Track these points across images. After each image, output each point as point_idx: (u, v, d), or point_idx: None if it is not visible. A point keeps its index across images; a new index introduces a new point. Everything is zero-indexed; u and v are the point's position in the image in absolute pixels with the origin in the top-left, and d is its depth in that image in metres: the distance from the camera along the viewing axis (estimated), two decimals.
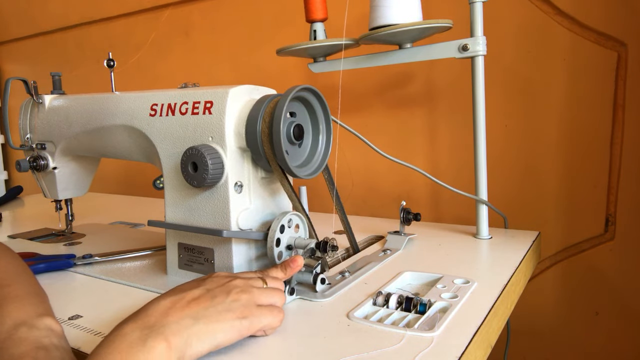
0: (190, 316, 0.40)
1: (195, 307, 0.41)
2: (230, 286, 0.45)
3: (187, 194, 0.59)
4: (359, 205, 1.10)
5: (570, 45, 0.84)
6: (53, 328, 0.43)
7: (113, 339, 0.37)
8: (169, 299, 0.42)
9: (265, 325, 0.44)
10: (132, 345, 0.36)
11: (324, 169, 0.64)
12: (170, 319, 0.39)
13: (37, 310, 0.45)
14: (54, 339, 0.42)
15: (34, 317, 0.44)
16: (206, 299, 0.42)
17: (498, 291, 0.54)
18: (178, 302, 0.41)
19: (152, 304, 0.41)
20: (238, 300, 0.44)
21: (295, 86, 0.54)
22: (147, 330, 0.38)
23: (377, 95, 1.05)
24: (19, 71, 1.83)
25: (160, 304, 0.41)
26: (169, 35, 1.35)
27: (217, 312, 0.42)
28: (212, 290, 0.44)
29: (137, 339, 0.37)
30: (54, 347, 0.41)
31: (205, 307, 0.42)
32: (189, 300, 0.42)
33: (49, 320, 0.44)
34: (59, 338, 0.43)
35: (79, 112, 0.72)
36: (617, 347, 0.86)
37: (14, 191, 1.38)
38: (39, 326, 0.42)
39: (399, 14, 0.70)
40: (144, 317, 0.39)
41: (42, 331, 0.42)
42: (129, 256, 0.73)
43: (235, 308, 0.43)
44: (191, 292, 0.43)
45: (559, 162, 0.87)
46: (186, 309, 0.41)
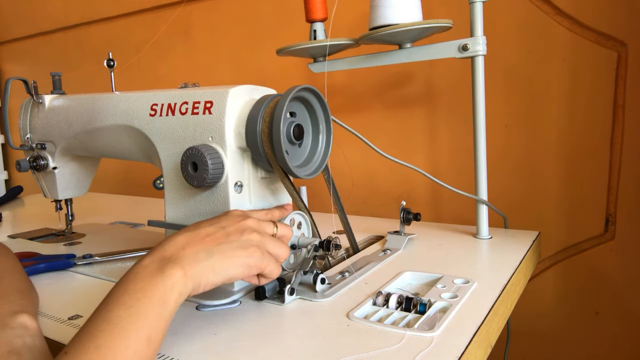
0: (206, 250, 0.43)
1: (210, 243, 0.43)
2: (244, 225, 0.47)
3: (187, 194, 0.59)
4: (359, 205, 1.10)
5: (570, 45, 0.84)
6: (28, 326, 0.43)
7: (134, 271, 0.40)
8: (185, 234, 0.44)
9: (268, 272, 0.47)
10: (152, 274, 0.39)
11: (324, 169, 0.64)
12: (186, 251, 0.42)
13: (12, 308, 0.45)
14: (27, 339, 0.42)
15: (8, 316, 0.44)
16: (221, 235, 0.45)
17: (498, 291, 0.54)
18: (194, 238, 0.43)
19: (168, 240, 0.43)
20: (250, 239, 0.46)
21: (295, 86, 0.54)
22: (164, 261, 0.40)
23: (377, 95, 1.05)
24: (19, 71, 1.83)
25: (177, 239, 0.43)
26: (169, 35, 1.35)
27: (231, 248, 0.44)
28: (227, 228, 0.46)
29: (155, 269, 0.39)
30: (26, 349, 0.41)
31: (220, 242, 0.44)
32: (204, 236, 0.44)
33: (23, 318, 0.44)
34: (33, 337, 0.43)
35: (79, 112, 0.72)
36: (617, 347, 0.86)
37: (14, 191, 1.38)
38: (12, 325, 0.43)
39: (399, 14, 0.70)
40: (161, 251, 0.42)
41: (16, 330, 0.42)
42: (129, 256, 0.73)
43: (247, 246, 0.45)
44: (206, 229, 0.45)
45: (559, 162, 0.87)
46: (201, 243, 0.43)
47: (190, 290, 0.41)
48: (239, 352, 0.43)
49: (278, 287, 0.56)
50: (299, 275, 0.55)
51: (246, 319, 0.50)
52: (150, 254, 0.42)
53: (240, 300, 0.55)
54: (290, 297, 0.54)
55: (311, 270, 0.55)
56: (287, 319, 0.49)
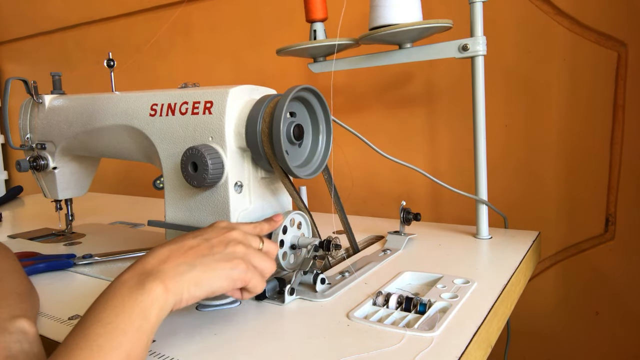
0: (187, 263, 0.41)
1: (193, 255, 0.42)
2: (229, 237, 0.46)
3: (187, 194, 0.59)
4: (359, 205, 1.10)
5: (570, 45, 0.84)
6: (26, 331, 0.43)
7: (113, 286, 0.39)
8: (167, 247, 0.43)
9: (251, 286, 0.45)
10: (131, 289, 0.38)
11: (324, 169, 0.64)
12: (167, 265, 0.40)
13: (12, 312, 0.45)
14: (25, 345, 0.42)
15: (7, 320, 0.43)
16: (204, 247, 0.43)
17: (498, 291, 0.54)
18: (176, 251, 0.42)
19: (150, 254, 0.42)
20: (235, 252, 0.44)
21: (295, 86, 0.54)
22: (144, 275, 0.39)
23: (377, 95, 1.05)
24: (19, 71, 1.83)
25: (159, 253, 0.42)
26: (169, 35, 1.35)
27: (214, 260, 0.43)
28: (210, 240, 0.44)
29: (135, 284, 0.38)
30: (24, 355, 0.41)
31: (203, 255, 0.42)
32: (187, 249, 0.43)
33: (22, 323, 0.43)
34: (31, 343, 0.43)
35: (79, 112, 0.72)
36: (617, 347, 0.86)
37: (14, 191, 1.38)
38: (10, 330, 0.42)
39: (399, 14, 0.70)
40: (141, 265, 0.40)
41: (14, 335, 0.42)
42: (129, 256, 0.73)
43: (231, 258, 0.44)
44: (189, 242, 0.44)
45: (559, 162, 0.87)
46: (183, 256, 0.42)
47: (172, 305, 0.39)
48: (239, 352, 0.43)
49: (278, 287, 0.56)
50: (299, 275, 0.55)
51: (246, 319, 0.50)
52: (130, 268, 0.41)
53: (240, 300, 0.55)
54: (290, 297, 0.54)
55: (311, 270, 0.55)
56: (287, 319, 0.49)
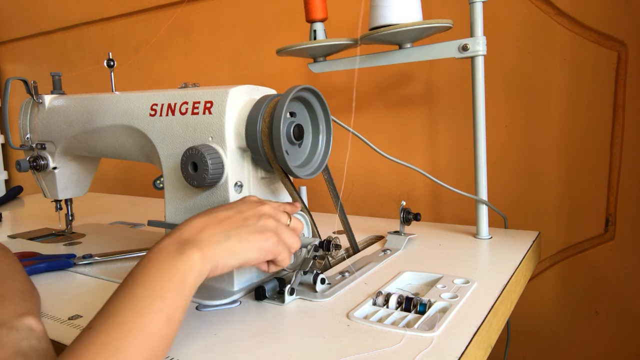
0: (223, 232, 0.43)
1: (228, 226, 0.44)
2: (261, 211, 0.48)
3: (187, 194, 0.59)
4: (359, 205, 1.10)
5: (570, 45, 0.84)
6: (34, 328, 0.43)
7: (153, 251, 0.41)
8: (202, 217, 0.44)
9: (280, 259, 0.47)
10: (171, 255, 0.40)
11: (324, 169, 0.64)
12: (204, 234, 0.42)
13: (18, 310, 0.45)
14: (34, 341, 0.42)
15: (14, 318, 0.44)
16: (238, 219, 0.45)
17: (498, 291, 0.54)
18: (211, 221, 0.44)
19: (186, 224, 0.44)
20: (267, 225, 0.47)
21: (295, 86, 0.54)
22: (183, 242, 0.41)
23: (377, 95, 1.05)
24: (19, 71, 1.83)
25: (195, 222, 0.44)
26: (169, 35, 1.35)
27: (248, 232, 0.45)
28: (244, 212, 0.47)
29: (174, 250, 0.40)
30: (33, 351, 0.41)
31: (238, 226, 0.45)
32: (222, 219, 0.45)
33: (29, 320, 0.44)
34: (39, 339, 0.43)
35: (79, 112, 0.72)
36: (617, 347, 0.86)
37: (14, 191, 1.38)
38: (18, 327, 0.43)
39: (399, 14, 0.70)
40: (179, 233, 0.42)
41: (22, 332, 0.42)
42: (129, 256, 0.73)
43: (264, 231, 0.46)
44: (223, 213, 0.46)
45: (559, 162, 0.87)
46: (219, 226, 0.44)
47: (208, 272, 0.41)
48: (239, 352, 0.43)
49: (278, 287, 0.56)
50: (299, 275, 0.55)
51: (246, 319, 0.50)
52: (168, 236, 0.43)
53: (240, 300, 0.55)
54: (290, 297, 0.54)
55: (311, 270, 0.55)
56: (287, 319, 0.49)
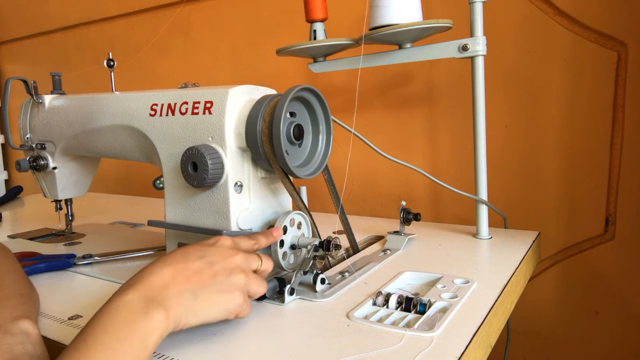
0: (190, 291, 0.41)
1: (196, 283, 0.42)
2: (232, 264, 0.46)
3: (187, 194, 0.59)
4: (359, 205, 1.10)
5: (570, 45, 0.84)
6: (29, 332, 0.43)
7: (116, 306, 0.38)
8: (170, 268, 0.42)
9: (243, 315, 0.46)
10: (135, 314, 0.38)
11: (324, 169, 0.64)
12: (171, 291, 0.40)
13: (14, 313, 0.45)
14: (29, 346, 0.42)
15: (10, 321, 0.43)
16: (208, 275, 0.43)
17: (498, 291, 0.54)
18: (180, 274, 0.42)
19: (153, 272, 0.41)
20: (236, 282, 0.45)
21: (295, 86, 0.54)
22: (149, 300, 0.39)
23: (377, 95, 1.05)
24: (19, 71, 1.83)
25: (163, 274, 0.41)
26: (169, 35, 1.35)
27: (216, 291, 0.43)
28: (214, 266, 0.44)
29: (139, 308, 0.38)
30: (27, 357, 0.41)
31: (206, 285, 0.43)
32: (191, 273, 0.42)
33: (24, 324, 0.43)
34: (34, 344, 0.42)
35: (79, 112, 0.72)
36: (617, 347, 0.86)
37: (14, 191, 1.38)
38: (13, 331, 0.42)
39: (399, 14, 0.70)
40: (146, 286, 0.40)
41: (16, 337, 0.42)
42: (129, 256, 0.73)
43: (232, 290, 0.44)
44: (193, 264, 0.43)
45: (559, 162, 0.87)
46: (186, 282, 0.42)
47: (168, 332, 0.40)
48: (239, 352, 0.43)
49: (278, 287, 0.56)
50: (299, 275, 0.55)
51: (246, 319, 0.50)
52: (133, 286, 0.40)
53: None
54: (290, 297, 0.54)
55: (311, 270, 0.55)
56: (287, 319, 0.49)
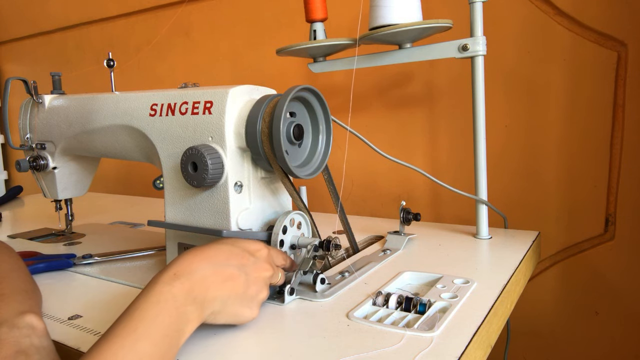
0: (222, 299, 0.44)
1: (229, 290, 0.45)
2: (264, 280, 0.48)
3: (187, 194, 0.59)
4: (359, 205, 1.10)
5: (570, 45, 0.84)
6: (35, 326, 0.43)
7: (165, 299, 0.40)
8: (212, 267, 0.44)
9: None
10: (179, 310, 0.41)
11: (324, 169, 0.64)
12: (208, 294, 0.43)
13: (20, 308, 0.45)
14: (35, 339, 0.42)
15: (16, 316, 0.44)
16: (241, 285, 0.46)
17: (498, 291, 0.54)
18: (218, 275, 0.44)
19: (199, 267, 0.44)
20: (260, 299, 0.48)
21: (295, 86, 0.54)
22: (190, 299, 0.42)
23: (377, 95, 1.05)
24: (19, 71, 1.83)
25: (205, 272, 0.44)
26: (169, 35, 1.35)
27: (241, 305, 0.46)
28: (249, 279, 0.47)
29: (182, 304, 0.41)
30: (34, 349, 0.41)
31: (236, 295, 0.45)
32: (227, 277, 0.45)
33: (30, 318, 0.44)
34: (40, 337, 0.43)
35: (79, 112, 0.72)
36: (617, 347, 0.86)
37: (14, 191, 1.38)
38: (19, 325, 0.43)
39: (399, 14, 0.70)
40: (191, 282, 0.42)
41: (23, 330, 0.42)
42: (129, 256, 0.73)
43: (255, 305, 0.47)
44: (233, 270, 0.46)
45: (559, 162, 0.87)
46: (221, 288, 0.44)
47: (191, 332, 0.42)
48: (239, 352, 0.43)
49: (278, 287, 0.56)
50: (298, 275, 0.55)
51: None
52: (180, 278, 0.42)
53: None
54: (290, 297, 0.54)
55: (311, 270, 0.55)
56: (287, 319, 0.49)
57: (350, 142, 0.94)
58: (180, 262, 0.44)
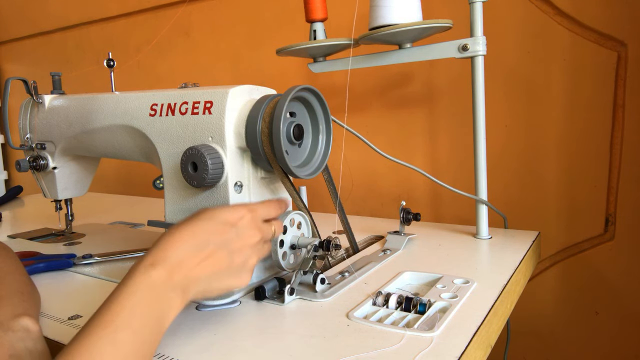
0: (206, 277, 0.43)
1: (212, 267, 0.43)
2: (249, 243, 0.47)
3: (187, 194, 0.59)
4: (359, 205, 1.10)
5: (570, 45, 0.84)
6: (30, 329, 0.43)
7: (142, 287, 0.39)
8: (192, 246, 0.43)
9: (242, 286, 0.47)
10: (159, 296, 0.40)
11: (324, 169, 0.64)
12: (190, 275, 0.42)
13: (15, 311, 0.45)
14: (29, 342, 0.42)
15: (11, 319, 0.43)
16: (224, 259, 0.44)
17: (498, 291, 0.54)
18: (199, 254, 0.43)
19: (175, 247, 0.42)
20: (248, 266, 0.46)
21: (295, 86, 0.54)
22: (170, 284, 0.41)
23: (377, 95, 1.05)
24: (19, 71, 1.83)
25: (184, 251, 0.42)
26: (169, 35, 1.35)
27: (228, 276, 0.45)
28: (232, 250, 0.45)
29: (162, 291, 0.40)
30: (27, 353, 0.41)
31: (221, 269, 0.44)
32: (206, 256, 0.43)
33: (25, 321, 0.44)
34: (35, 340, 0.43)
35: (79, 112, 0.72)
36: (617, 347, 0.86)
37: (14, 191, 1.38)
38: (14, 328, 0.43)
39: (399, 14, 0.70)
40: (169, 266, 0.41)
41: (17, 333, 0.42)
42: (129, 256, 0.73)
43: (242, 273, 0.46)
44: (211, 248, 0.44)
45: (559, 162, 0.87)
46: (204, 267, 0.43)
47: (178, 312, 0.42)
48: (239, 352, 0.43)
49: (278, 287, 0.56)
50: (298, 275, 0.55)
51: (246, 319, 0.50)
52: (157, 263, 0.41)
53: (240, 300, 0.55)
54: (290, 297, 0.54)
55: (311, 270, 0.55)
56: (287, 319, 0.49)
57: (351, 142, 0.94)
58: (156, 248, 0.42)
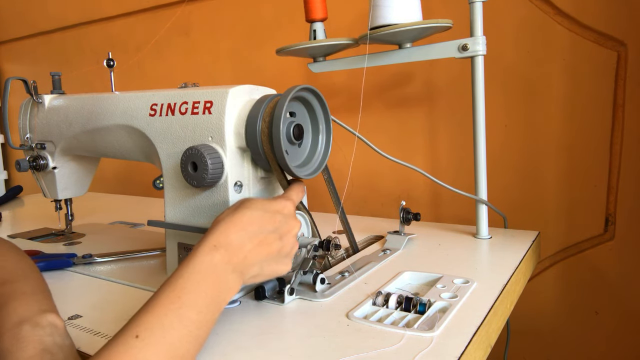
0: (260, 262, 0.47)
1: (265, 254, 0.47)
2: (294, 237, 0.51)
3: (187, 193, 0.59)
4: (359, 205, 1.10)
5: (570, 45, 0.84)
6: (56, 324, 0.44)
7: (206, 269, 0.43)
8: (247, 234, 0.46)
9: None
10: (220, 278, 0.43)
11: (324, 169, 0.64)
12: (247, 261, 0.46)
13: (41, 307, 0.46)
14: (57, 337, 0.43)
15: (38, 314, 0.44)
16: (275, 248, 0.48)
17: (498, 291, 0.54)
18: (253, 240, 0.46)
19: (235, 233, 0.45)
20: (292, 253, 0.50)
21: (295, 86, 0.54)
22: (230, 266, 0.44)
23: (377, 95, 1.05)
24: (19, 71, 1.83)
25: (242, 238, 0.46)
26: (169, 35, 1.35)
27: (277, 262, 0.49)
28: (282, 239, 0.49)
29: (223, 273, 0.44)
30: (57, 348, 0.42)
31: (272, 256, 0.48)
32: (262, 243, 0.47)
33: (52, 317, 0.44)
34: (62, 336, 0.44)
35: (79, 112, 0.72)
36: (616, 347, 0.86)
37: (14, 191, 1.38)
38: (42, 324, 0.43)
39: (399, 13, 0.70)
40: (230, 251, 0.45)
41: (46, 329, 0.43)
42: (129, 256, 0.73)
43: (288, 260, 0.50)
44: (267, 235, 0.47)
45: (559, 161, 0.87)
46: (258, 253, 0.47)
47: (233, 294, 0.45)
48: (239, 352, 0.43)
49: (278, 287, 0.56)
50: (298, 275, 0.55)
51: (246, 319, 0.50)
52: (220, 248, 0.44)
53: (240, 300, 0.55)
54: (290, 297, 0.54)
55: (311, 270, 0.55)
56: (287, 319, 0.49)
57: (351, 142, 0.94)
58: (217, 232, 0.45)
